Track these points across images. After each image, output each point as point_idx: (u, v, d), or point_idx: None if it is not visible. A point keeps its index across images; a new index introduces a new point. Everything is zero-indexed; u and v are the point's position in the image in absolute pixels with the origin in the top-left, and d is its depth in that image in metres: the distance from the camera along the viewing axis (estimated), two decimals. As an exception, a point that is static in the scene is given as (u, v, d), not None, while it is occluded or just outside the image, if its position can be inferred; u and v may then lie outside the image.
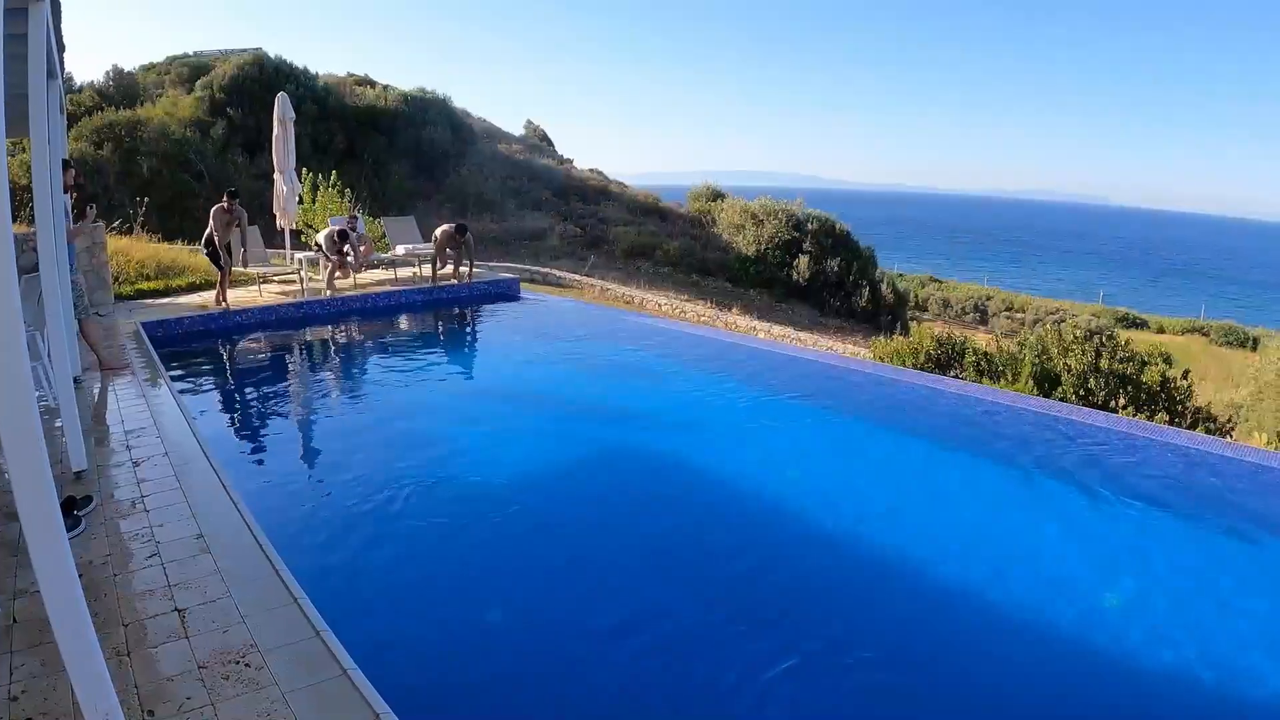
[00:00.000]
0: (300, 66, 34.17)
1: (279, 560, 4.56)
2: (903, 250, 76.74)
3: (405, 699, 3.51)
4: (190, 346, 10.95)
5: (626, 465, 7.70)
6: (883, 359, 12.30)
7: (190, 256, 16.08)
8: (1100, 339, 11.65)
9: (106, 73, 32.96)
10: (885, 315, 29.41)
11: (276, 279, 14.58)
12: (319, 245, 14.02)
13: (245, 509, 5.25)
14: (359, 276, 15.03)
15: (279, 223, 15.19)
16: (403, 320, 13.51)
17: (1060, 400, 10.17)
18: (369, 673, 3.61)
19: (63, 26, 7.94)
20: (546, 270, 20.36)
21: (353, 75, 39.67)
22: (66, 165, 8.82)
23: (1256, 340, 33.11)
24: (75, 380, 7.46)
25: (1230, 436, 10.80)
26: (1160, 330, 37.90)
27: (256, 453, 7.57)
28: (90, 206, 9.58)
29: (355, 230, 15.04)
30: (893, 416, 9.25)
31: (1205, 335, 36.69)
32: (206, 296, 13.34)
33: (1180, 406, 11.07)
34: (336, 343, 11.20)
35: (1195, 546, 6.37)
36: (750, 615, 5.13)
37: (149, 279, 14.10)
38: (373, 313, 13.50)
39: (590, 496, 6.94)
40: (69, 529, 4.59)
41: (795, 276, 29.45)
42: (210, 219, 11.64)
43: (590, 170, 43.89)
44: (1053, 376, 11.10)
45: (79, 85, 31.03)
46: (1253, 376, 15.37)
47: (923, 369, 11.50)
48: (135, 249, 15.22)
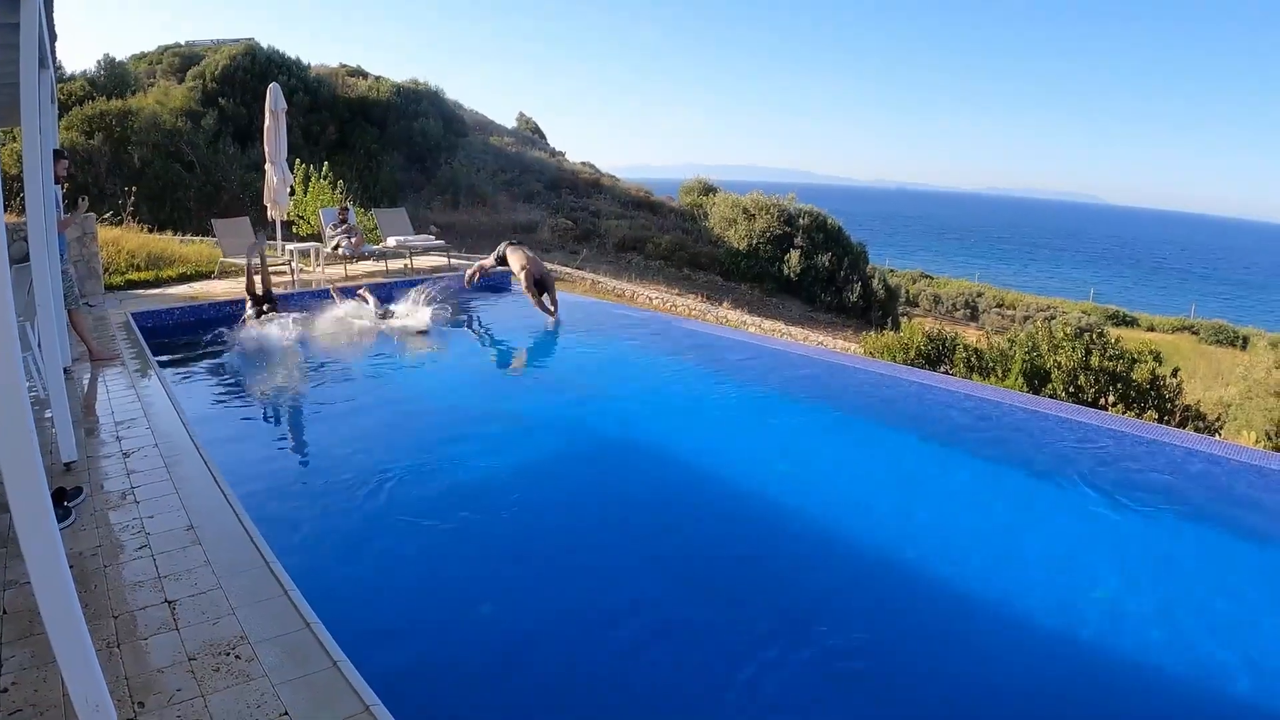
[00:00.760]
0: (292, 57, 34.09)
1: (269, 552, 4.57)
2: (894, 246, 76.86)
3: (396, 690, 3.52)
4: (181, 337, 10.91)
5: (614, 456, 7.71)
6: (873, 354, 12.33)
7: (181, 247, 16.04)
8: (1090, 336, 11.71)
9: (98, 62, 32.80)
10: (876, 311, 29.49)
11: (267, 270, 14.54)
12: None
13: (236, 500, 5.25)
14: (350, 268, 15.02)
15: (270, 214, 15.14)
16: (394, 311, 13.46)
17: (1050, 397, 10.21)
18: (359, 664, 3.61)
19: (54, 15, 7.89)
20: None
21: (345, 66, 39.52)
22: (60, 155, 8.79)
23: (1246, 339, 33.28)
24: (65, 371, 7.43)
25: (1219, 435, 10.86)
26: (1150, 328, 38.07)
27: (247, 444, 7.54)
28: (82, 198, 9.54)
29: (346, 221, 15.04)
30: (891, 412, 9.27)
31: (1195, 333, 36.86)
32: (197, 287, 13.32)
33: (1170, 404, 11.14)
34: (325, 333, 11.16)
35: (1181, 544, 6.40)
36: (742, 608, 5.15)
37: (139, 269, 14.05)
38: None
39: (580, 488, 6.95)
40: (59, 520, 4.59)
41: (786, 271, 29.50)
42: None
43: (582, 163, 43.87)
44: (1043, 373, 11.15)
45: (70, 74, 30.84)
46: (1242, 375, 15.46)
47: (913, 365, 11.54)
48: (126, 239, 15.17)
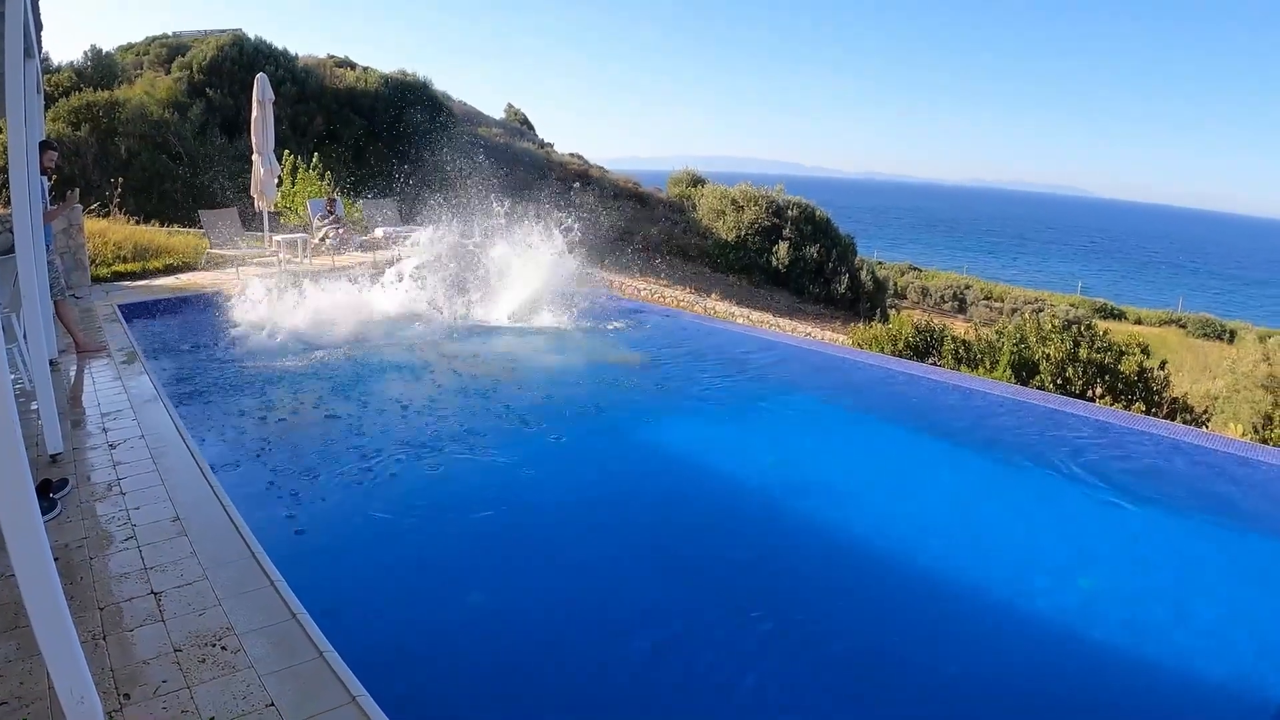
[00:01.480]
0: (280, 48, 33.83)
1: (255, 543, 4.56)
2: (882, 238, 77.00)
3: (382, 681, 3.53)
4: (167, 329, 10.87)
5: (602, 448, 7.74)
6: (861, 345, 12.36)
7: (167, 238, 15.95)
8: (1078, 329, 11.75)
9: (85, 53, 32.48)
10: (864, 302, 29.54)
11: (254, 261, 14.51)
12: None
13: (222, 492, 5.24)
14: (338, 259, 14.98)
15: (257, 205, 15.09)
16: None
17: (1038, 389, 10.25)
18: (345, 655, 3.62)
19: (40, 5, 7.84)
20: (526, 254, 20.29)
21: (333, 57, 39.26)
22: (50, 146, 8.73)
23: (1233, 333, 33.42)
24: (51, 363, 7.40)
25: (1206, 427, 10.92)
26: (1138, 321, 38.23)
27: (234, 435, 7.52)
28: (72, 190, 9.48)
29: (334, 213, 15.00)
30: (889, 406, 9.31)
31: (1182, 327, 37.03)
32: (184, 278, 13.26)
33: (1157, 396, 11.20)
34: (313, 324, 11.12)
35: (1168, 535, 6.45)
36: (733, 601, 5.17)
37: (126, 261, 13.98)
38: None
39: (569, 484, 6.97)
40: (45, 512, 4.58)
41: (775, 263, 29.49)
42: None
43: (570, 154, 43.74)
44: (1031, 365, 11.19)
45: (57, 65, 30.58)
46: (1229, 368, 15.54)
47: (902, 356, 11.57)
48: (112, 230, 15.07)
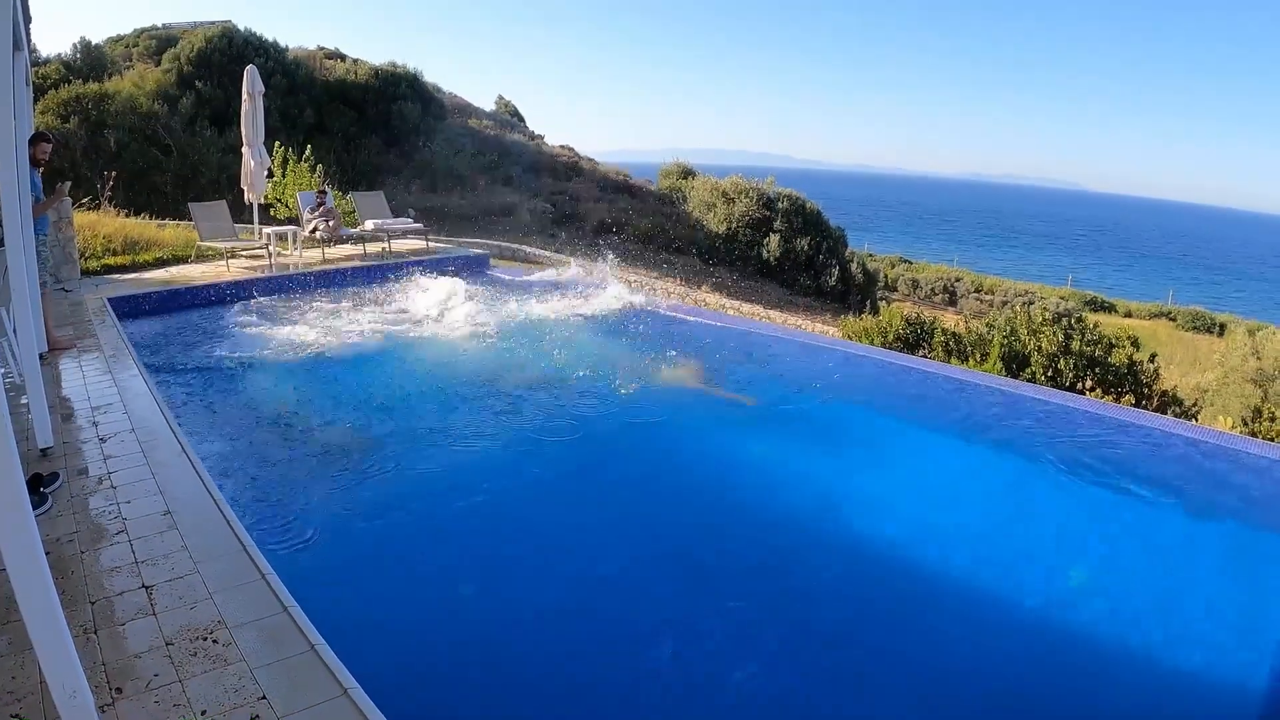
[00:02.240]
0: (270, 39, 33.70)
1: (246, 536, 4.56)
2: (873, 231, 76.98)
3: (374, 673, 3.53)
4: (157, 322, 10.84)
5: (590, 442, 7.75)
6: (851, 337, 12.38)
7: (157, 231, 15.88)
8: (1069, 321, 11.78)
9: (73, 45, 32.34)
10: (854, 295, 29.59)
11: (244, 253, 14.47)
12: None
13: (212, 485, 5.24)
14: (328, 251, 14.95)
15: (247, 197, 15.02)
16: (370, 294, 13.40)
17: (1029, 381, 10.29)
18: (337, 648, 3.62)
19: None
20: (516, 246, 20.28)
21: (323, 49, 39.12)
22: (44, 138, 8.69)
23: (1223, 326, 33.52)
24: (41, 356, 7.37)
25: (1196, 420, 10.97)
26: (1128, 314, 38.30)
27: (223, 428, 7.51)
28: (63, 182, 9.42)
29: (324, 205, 14.95)
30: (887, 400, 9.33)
31: (1172, 320, 37.13)
32: (174, 271, 13.21)
33: (1147, 389, 11.24)
34: (305, 318, 11.10)
35: (1157, 526, 6.49)
36: (726, 594, 5.20)
37: (116, 254, 13.90)
38: (340, 287, 13.39)
39: (559, 477, 6.98)
40: (35, 506, 4.56)
41: (765, 255, 29.53)
42: None
43: (561, 146, 43.66)
44: (1022, 357, 11.22)
45: (45, 58, 30.43)
46: (1219, 361, 15.60)
47: (892, 348, 11.59)
48: (102, 223, 14.99)
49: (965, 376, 9.49)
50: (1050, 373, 10.90)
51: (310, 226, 14.80)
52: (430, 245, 16.45)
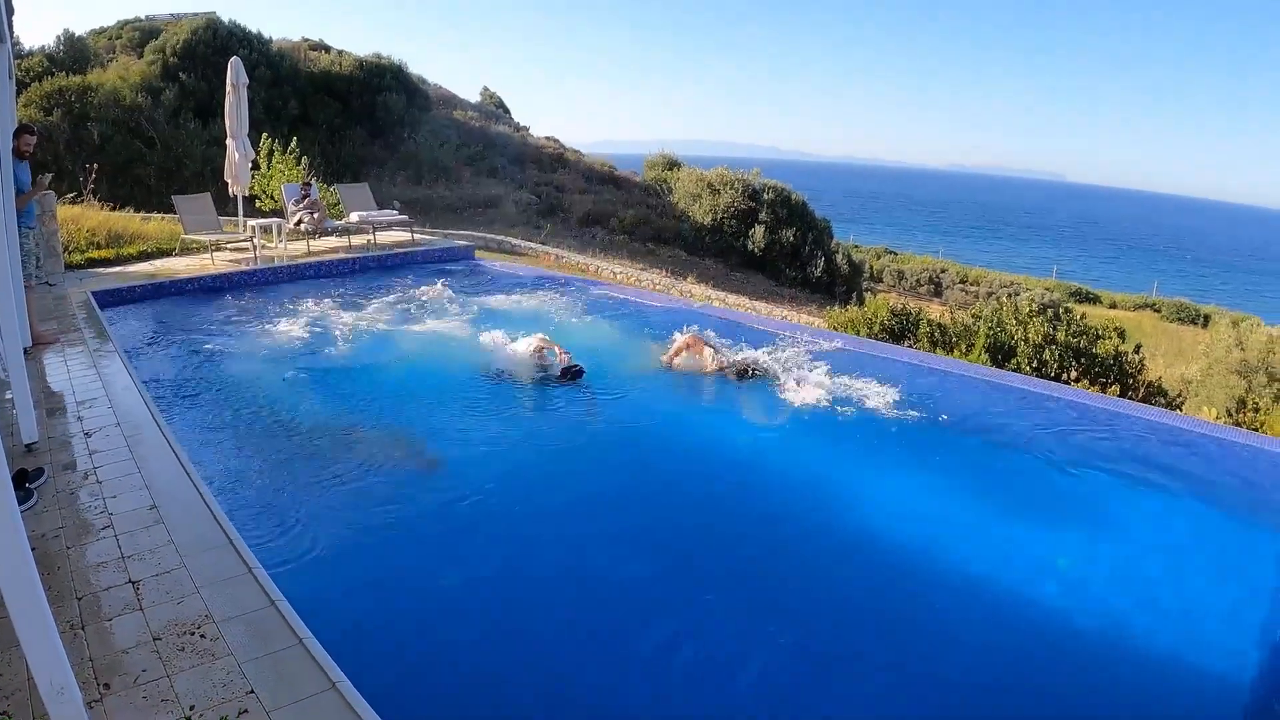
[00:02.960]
0: (254, 31, 33.49)
1: (233, 530, 4.55)
2: (859, 222, 77.16)
3: (361, 668, 3.53)
4: (142, 315, 10.77)
5: (580, 437, 7.75)
6: (837, 328, 12.40)
7: (141, 224, 15.80)
8: (1055, 312, 11.84)
9: (57, 37, 32.09)
10: (840, 286, 29.68)
11: (229, 246, 14.40)
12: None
13: (198, 479, 5.22)
14: (313, 244, 14.89)
15: (231, 190, 14.95)
16: (355, 286, 13.36)
17: (1015, 371, 10.34)
18: (324, 641, 3.62)
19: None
20: (501, 238, 20.26)
21: (307, 40, 38.95)
22: (29, 130, 8.64)
23: (1207, 317, 33.75)
24: (25, 351, 7.32)
25: (1180, 410, 11.05)
26: (1113, 305, 38.52)
27: (209, 422, 7.47)
28: (44, 174, 9.35)
29: (309, 197, 14.89)
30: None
31: (1157, 311, 37.37)
32: (158, 264, 13.14)
33: (1132, 380, 11.31)
34: (289, 310, 11.06)
35: (1146, 516, 6.54)
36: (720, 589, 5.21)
37: (100, 247, 13.82)
38: (326, 278, 13.36)
39: (552, 473, 6.97)
40: (21, 502, 4.54)
41: (751, 246, 29.57)
42: None
43: (546, 138, 43.62)
44: (1007, 348, 11.27)
45: (28, 50, 30.19)
46: (1204, 353, 15.72)
47: (878, 339, 11.62)
48: (86, 217, 14.91)
49: (950, 367, 9.54)
50: (1035, 363, 10.96)
51: (295, 219, 14.74)
52: (415, 237, 16.42)
